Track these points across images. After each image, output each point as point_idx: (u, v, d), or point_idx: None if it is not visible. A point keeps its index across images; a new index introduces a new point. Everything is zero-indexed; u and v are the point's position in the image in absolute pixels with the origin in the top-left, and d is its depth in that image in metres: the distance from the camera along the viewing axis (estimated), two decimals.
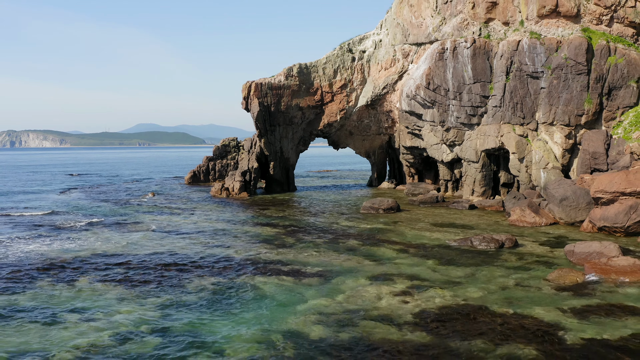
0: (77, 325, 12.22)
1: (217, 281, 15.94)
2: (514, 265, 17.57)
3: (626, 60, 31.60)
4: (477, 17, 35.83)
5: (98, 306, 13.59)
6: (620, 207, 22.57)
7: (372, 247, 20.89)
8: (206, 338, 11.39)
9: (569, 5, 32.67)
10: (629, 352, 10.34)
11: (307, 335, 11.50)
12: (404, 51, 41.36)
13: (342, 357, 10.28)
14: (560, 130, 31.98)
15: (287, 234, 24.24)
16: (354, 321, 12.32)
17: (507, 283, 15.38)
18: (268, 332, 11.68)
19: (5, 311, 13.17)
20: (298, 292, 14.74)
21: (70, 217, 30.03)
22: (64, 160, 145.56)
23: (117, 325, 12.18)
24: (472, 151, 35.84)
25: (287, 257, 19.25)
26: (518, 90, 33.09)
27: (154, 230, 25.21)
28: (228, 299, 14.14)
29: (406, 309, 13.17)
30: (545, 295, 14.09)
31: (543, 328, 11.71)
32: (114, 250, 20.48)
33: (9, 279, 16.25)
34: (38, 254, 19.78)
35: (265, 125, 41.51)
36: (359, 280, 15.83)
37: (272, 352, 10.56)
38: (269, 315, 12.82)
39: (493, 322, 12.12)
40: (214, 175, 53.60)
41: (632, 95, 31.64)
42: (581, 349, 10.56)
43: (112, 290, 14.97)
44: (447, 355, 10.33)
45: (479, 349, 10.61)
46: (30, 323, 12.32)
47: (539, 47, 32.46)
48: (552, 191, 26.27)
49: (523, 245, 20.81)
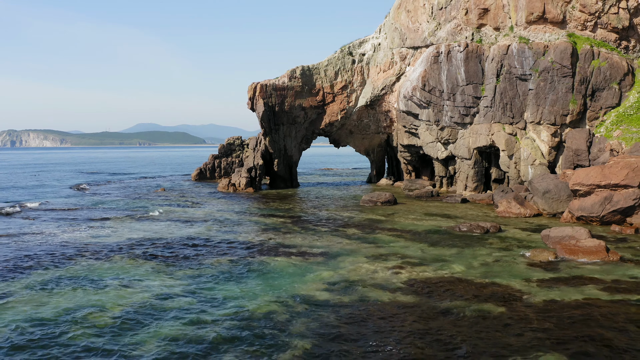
0: (121, 289, 14.45)
1: (232, 259, 18.18)
2: (495, 247, 19.83)
3: (609, 64, 33.86)
4: (469, 23, 38.07)
5: (134, 276, 15.83)
6: (596, 198, 24.81)
7: (370, 233, 23.14)
8: (229, 298, 13.62)
9: (555, 12, 34.91)
10: (580, 308, 12.56)
11: (315, 297, 13.74)
12: (402, 54, 43.60)
13: (343, 313, 12.51)
14: (546, 129, 34.21)
15: (292, 223, 26.50)
16: (353, 288, 14.57)
17: (487, 260, 17.63)
18: (282, 295, 13.91)
19: (58, 280, 15.41)
20: (305, 267, 16.99)
21: (92, 210, 32.27)
22: (70, 159, 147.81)
23: (152, 288, 14.42)
24: (465, 149, 38.08)
25: (294, 241, 21.50)
26: (508, 92, 35.32)
27: (171, 220, 27.46)
28: (244, 272, 16.38)
29: (398, 279, 15.41)
30: (518, 270, 16.33)
31: (512, 293, 13.96)
32: (138, 236, 22.71)
33: (53, 257, 18.49)
34: (73, 239, 22.03)
35: (269, 124, 43.76)
36: (357, 259, 18.09)
37: (286, 309, 12.79)
38: (282, 283, 15.06)
39: (471, 289, 14.36)
40: (219, 173, 55.84)
41: (614, 96, 33.89)
42: (540, 307, 12.80)
43: (143, 266, 17.21)
44: (430, 311, 12.57)
45: (456, 306, 12.85)
46: (81, 288, 14.54)
47: (527, 51, 34.69)
48: (536, 185, 28.53)
49: (506, 231, 23.08)
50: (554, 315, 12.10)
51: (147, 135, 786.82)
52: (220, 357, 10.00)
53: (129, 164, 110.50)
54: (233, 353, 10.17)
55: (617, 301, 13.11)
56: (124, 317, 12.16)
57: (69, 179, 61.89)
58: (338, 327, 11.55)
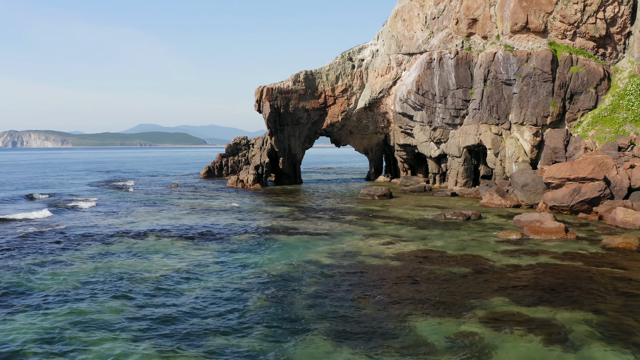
0: (160, 259, 17.81)
1: (250, 237, 21.54)
2: (473, 229, 23.18)
3: (586, 70, 37.22)
4: (460, 32, 41.45)
5: (170, 250, 19.18)
6: (567, 190, 28.15)
7: (367, 220, 26.50)
8: (252, 264, 16.96)
9: (537, 22, 38.26)
10: (531, 269, 15.89)
11: (321, 262, 17.10)
12: (398, 60, 46.98)
13: (343, 271, 15.85)
14: (529, 130, 37.55)
15: (298, 212, 29.86)
16: (352, 256, 17.94)
17: (464, 238, 20.99)
18: (294, 261, 17.26)
19: (103, 255, 18.76)
20: (312, 242, 20.36)
21: (115, 203, 35.64)
22: (78, 159, 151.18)
23: (187, 259, 17.77)
24: (456, 147, 41.43)
25: (301, 225, 24.87)
26: (494, 95, 38.67)
27: (191, 209, 30.82)
28: (262, 247, 19.73)
29: (388, 251, 18.77)
30: (488, 245, 19.68)
31: (479, 260, 17.30)
32: (163, 222, 26.07)
33: (93, 239, 21.85)
34: (107, 225, 25.40)
35: (275, 125, 47.14)
36: (355, 237, 21.45)
37: (298, 269, 16.13)
38: (293, 254, 18.41)
39: (446, 257, 17.72)
40: (226, 171, 59.22)
41: (591, 99, 37.25)
42: (499, 268, 16.13)
43: (176, 243, 20.56)
44: (411, 271, 15.90)
45: (433, 268, 16.20)
46: (126, 259, 17.89)
47: (512, 58, 38.03)
48: (515, 179, 31.89)
49: (485, 218, 26.44)
50: (509, 274, 15.45)
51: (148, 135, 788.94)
52: (251, 298, 13.32)
53: (136, 163, 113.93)
54: (261, 295, 13.50)
55: (563, 265, 16.45)
56: (175, 275, 15.52)
57: (84, 177, 65.24)
58: (339, 279, 14.90)
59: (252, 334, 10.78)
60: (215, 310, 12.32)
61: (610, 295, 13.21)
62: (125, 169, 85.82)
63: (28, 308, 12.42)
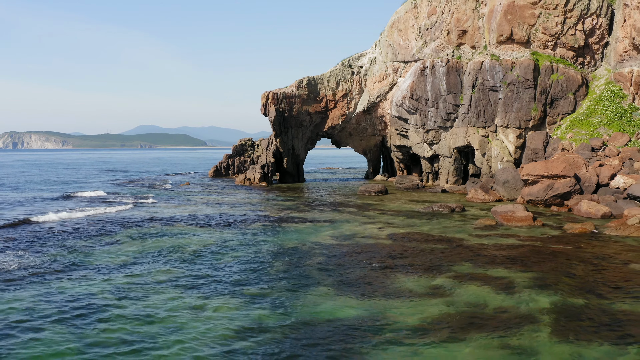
0: (186, 239, 21.35)
1: (263, 224, 25.09)
2: (455, 219, 26.74)
3: (566, 77, 40.84)
4: (450, 42, 45.06)
5: (197, 235, 22.73)
6: (541, 186, 31.70)
7: (364, 211, 30.06)
8: (268, 242, 20.51)
9: (521, 34, 41.86)
10: (497, 248, 19.43)
11: (325, 241, 20.65)
12: (394, 67, 50.60)
13: (344, 248, 19.39)
14: (513, 132, 41.14)
15: (302, 205, 33.42)
16: (350, 237, 21.50)
17: (446, 225, 24.55)
18: (303, 241, 20.79)
19: (136, 237, 22.31)
20: (316, 228, 23.92)
21: (133, 197, 39.19)
22: (82, 159, 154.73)
23: (215, 239, 21.30)
24: (447, 148, 45.02)
25: (306, 215, 28.44)
26: (481, 101, 42.27)
27: (206, 203, 34.38)
28: (274, 231, 23.27)
29: (382, 233, 22.33)
30: (466, 230, 23.24)
31: (456, 240, 20.85)
32: (181, 214, 29.61)
33: (121, 225, 25.40)
34: (130, 215, 28.96)
35: (280, 127, 50.73)
36: (353, 224, 25.02)
37: (306, 246, 19.67)
38: (301, 236, 21.95)
39: (429, 238, 21.27)
40: (233, 170, 62.81)
41: (569, 104, 40.86)
42: (471, 245, 19.68)
43: (198, 229, 24.08)
44: (399, 247, 19.44)
45: (418, 245, 19.75)
46: (158, 238, 21.43)
47: (498, 66, 41.63)
48: (498, 176, 35.47)
49: (468, 210, 30.01)
50: (478, 248, 19.01)
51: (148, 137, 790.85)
52: (273, 263, 16.84)
53: (143, 164, 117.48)
54: (280, 261, 17.03)
55: (524, 244, 20.00)
56: (210, 248, 19.07)
57: (97, 177, 68.79)
58: (340, 252, 18.45)
59: (275, 285, 14.31)
60: (244, 270, 15.88)
61: (555, 262, 16.77)
62: (134, 170, 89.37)
63: (106, 269, 16.01)
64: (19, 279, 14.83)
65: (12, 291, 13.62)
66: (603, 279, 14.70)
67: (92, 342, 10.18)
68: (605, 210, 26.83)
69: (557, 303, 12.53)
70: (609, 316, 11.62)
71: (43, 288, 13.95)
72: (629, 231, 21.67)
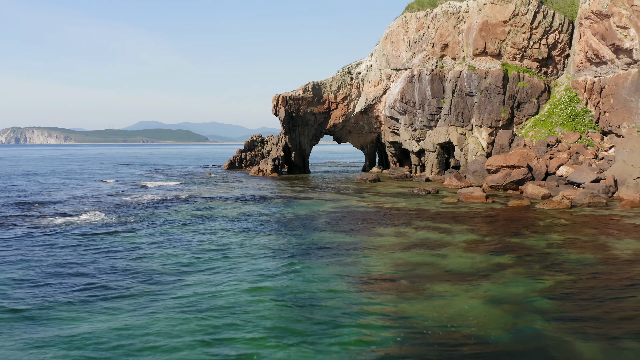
0: (227, 210, 29.22)
1: (279, 201, 32.95)
2: (429, 198, 34.60)
3: (530, 84, 48.56)
4: (435, 54, 52.82)
5: (230, 206, 30.54)
6: (501, 174, 39.49)
7: (359, 193, 37.94)
8: (286, 211, 28.35)
9: (493, 47, 49.59)
10: (454, 215, 27.25)
11: (328, 210, 28.51)
12: (387, 74, 58.38)
13: (340, 215, 27.23)
14: (485, 131, 48.93)
15: (309, 189, 41.30)
16: (347, 208, 29.38)
17: (421, 202, 32.43)
18: (311, 210, 28.64)
19: (198, 207, 30.20)
20: (321, 203, 31.80)
21: (171, 184, 47.10)
22: (92, 154, 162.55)
23: (242, 210, 29.14)
24: (431, 144, 52.83)
25: (312, 195, 36.31)
26: (460, 104, 50.03)
27: (232, 188, 42.27)
28: (289, 205, 31.12)
29: (370, 205, 30.21)
30: (434, 204, 31.09)
31: (424, 209, 28.68)
32: (217, 193, 37.46)
33: (163, 202, 33.29)
34: (174, 195, 36.87)
35: (289, 125, 58.59)
36: (350, 201, 32.90)
37: (314, 213, 27.51)
38: (309, 208, 29.80)
39: (405, 209, 29.12)
40: (245, 163, 70.71)
41: (533, 107, 48.60)
42: (434, 212, 27.52)
43: (234, 203, 31.91)
44: (382, 213, 27.26)
45: (395, 212, 27.62)
46: (211, 209, 29.29)
47: (473, 75, 49.37)
48: (469, 167, 43.31)
49: (442, 193, 37.88)
50: (438, 214, 26.84)
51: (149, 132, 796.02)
52: (290, 222, 24.66)
53: (158, 158, 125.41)
54: (296, 220, 24.88)
55: (472, 212, 27.82)
56: (240, 216, 26.93)
57: (119, 169, 76.71)
58: (339, 216, 26.28)
59: (292, 234, 22.16)
60: (275, 222, 23.76)
61: (486, 220, 24.63)
62: (152, 162, 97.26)
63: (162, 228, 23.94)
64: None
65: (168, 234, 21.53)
66: (513, 228, 22.61)
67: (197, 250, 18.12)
68: (545, 192, 34.64)
69: (475, 238, 20.41)
70: (513, 245, 19.51)
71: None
72: (552, 205, 29.51)
